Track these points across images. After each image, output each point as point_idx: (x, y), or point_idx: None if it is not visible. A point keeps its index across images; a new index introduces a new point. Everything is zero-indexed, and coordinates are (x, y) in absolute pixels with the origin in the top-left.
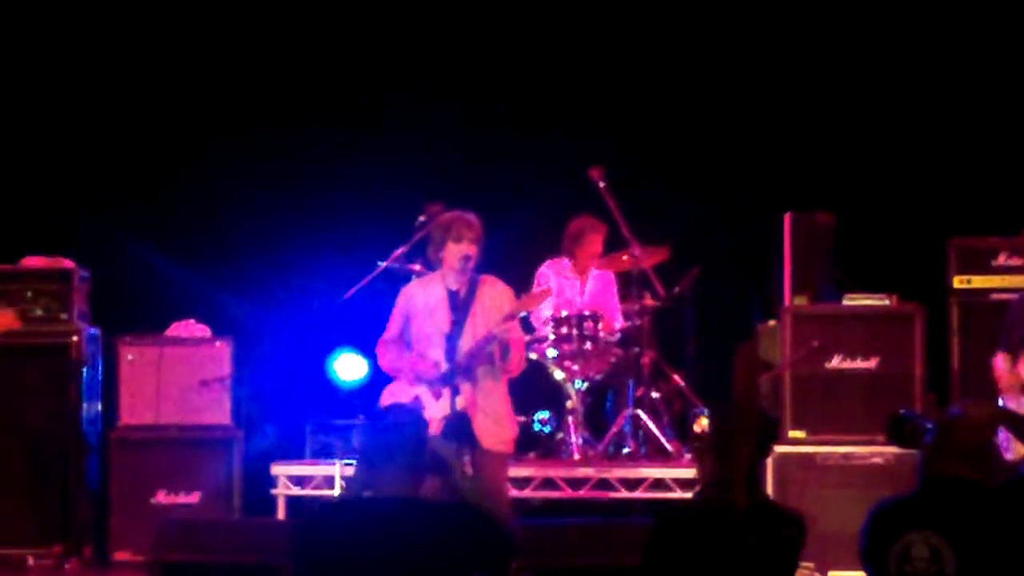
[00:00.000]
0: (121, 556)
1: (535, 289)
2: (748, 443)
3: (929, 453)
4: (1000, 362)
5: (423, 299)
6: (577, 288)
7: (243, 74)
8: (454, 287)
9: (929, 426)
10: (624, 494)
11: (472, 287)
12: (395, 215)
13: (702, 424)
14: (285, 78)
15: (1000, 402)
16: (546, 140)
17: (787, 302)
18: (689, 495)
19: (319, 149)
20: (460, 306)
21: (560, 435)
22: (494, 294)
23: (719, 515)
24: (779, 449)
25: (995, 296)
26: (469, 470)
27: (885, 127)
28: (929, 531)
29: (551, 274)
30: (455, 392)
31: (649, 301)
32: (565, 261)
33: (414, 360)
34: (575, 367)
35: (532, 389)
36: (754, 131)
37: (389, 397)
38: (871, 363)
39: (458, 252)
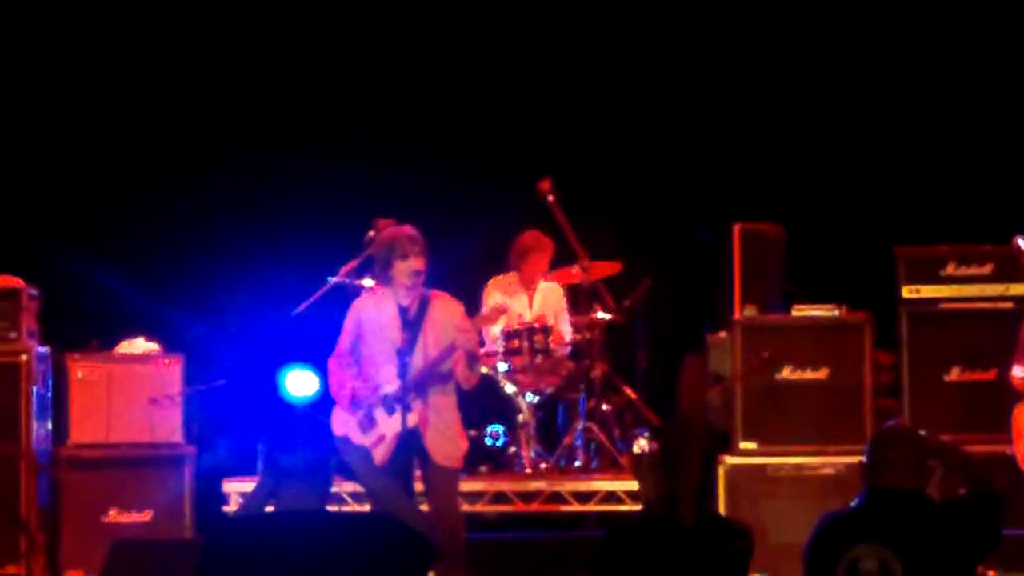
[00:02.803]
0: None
1: (484, 308)
2: (696, 457)
3: (868, 466)
4: (1020, 370)
5: (375, 315)
6: (525, 302)
7: (191, 92)
8: (404, 303)
9: None
10: (576, 507)
11: (423, 303)
12: (345, 230)
13: (640, 445)
14: (233, 95)
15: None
16: (496, 153)
17: (737, 314)
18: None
19: (268, 165)
20: (411, 322)
21: (512, 449)
22: (444, 311)
23: (668, 530)
24: (730, 460)
25: (944, 305)
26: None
27: (832, 139)
28: (876, 544)
29: (497, 291)
30: (406, 409)
31: (600, 314)
32: (512, 275)
33: (355, 385)
34: (526, 380)
35: (483, 403)
36: (703, 143)
37: (338, 425)
38: (821, 374)
39: (407, 268)
